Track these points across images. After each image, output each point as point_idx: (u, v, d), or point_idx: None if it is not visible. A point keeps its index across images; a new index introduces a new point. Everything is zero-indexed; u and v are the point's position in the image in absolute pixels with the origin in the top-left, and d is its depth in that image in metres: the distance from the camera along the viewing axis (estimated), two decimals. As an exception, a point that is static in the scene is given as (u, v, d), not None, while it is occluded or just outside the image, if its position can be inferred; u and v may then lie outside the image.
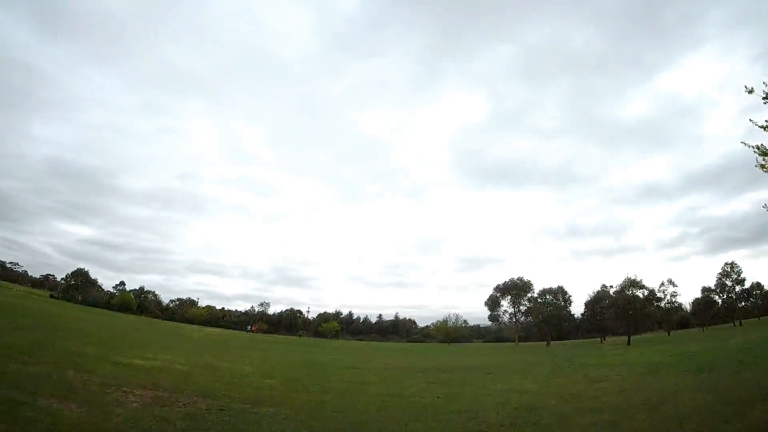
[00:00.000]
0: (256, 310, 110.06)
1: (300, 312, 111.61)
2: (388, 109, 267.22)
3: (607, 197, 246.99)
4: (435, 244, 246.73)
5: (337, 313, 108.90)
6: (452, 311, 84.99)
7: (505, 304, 79.26)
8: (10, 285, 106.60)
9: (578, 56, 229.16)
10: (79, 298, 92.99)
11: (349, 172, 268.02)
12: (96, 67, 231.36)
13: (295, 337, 78.52)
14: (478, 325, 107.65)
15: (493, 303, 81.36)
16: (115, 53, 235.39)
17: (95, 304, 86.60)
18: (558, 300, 65.56)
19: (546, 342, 59.30)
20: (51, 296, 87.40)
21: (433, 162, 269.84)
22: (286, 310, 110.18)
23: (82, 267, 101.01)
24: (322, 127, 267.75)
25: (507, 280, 78.60)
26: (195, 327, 63.31)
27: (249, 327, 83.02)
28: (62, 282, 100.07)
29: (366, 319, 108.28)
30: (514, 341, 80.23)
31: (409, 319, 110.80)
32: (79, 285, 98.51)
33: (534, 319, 61.18)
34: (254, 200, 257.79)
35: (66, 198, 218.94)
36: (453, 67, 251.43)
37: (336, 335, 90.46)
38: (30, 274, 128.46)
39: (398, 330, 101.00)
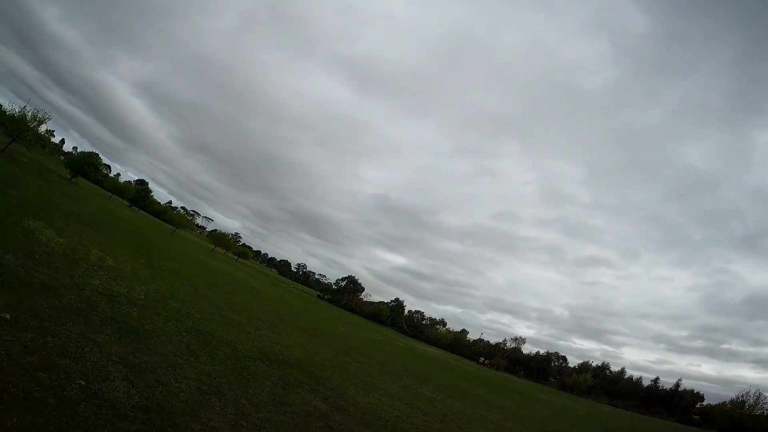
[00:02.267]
0: (509, 345, 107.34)
1: (563, 359, 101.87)
2: (713, 135, 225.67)
3: None
4: (764, 304, 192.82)
5: (596, 367, 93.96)
6: (752, 391, 59.91)
7: None
8: (290, 282, 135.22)
9: None
10: (344, 303, 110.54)
11: (672, 213, 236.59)
12: (411, 117, 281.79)
13: (513, 377, 71.97)
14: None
15: None
16: (425, 104, 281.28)
17: (352, 310, 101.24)
18: None
19: None
20: (318, 296, 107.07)
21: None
22: (544, 353, 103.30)
23: (356, 277, 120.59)
24: (641, 162, 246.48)
25: None
26: (430, 349, 66.24)
27: (481, 359, 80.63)
28: (334, 287, 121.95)
29: (637, 381, 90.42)
30: None
31: (694, 392, 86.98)
32: (348, 290, 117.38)
33: None
34: (568, 241, 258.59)
35: (387, 230, 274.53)
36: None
37: (588, 392, 78.65)
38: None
39: (671, 403, 79.64)
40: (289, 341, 16.10)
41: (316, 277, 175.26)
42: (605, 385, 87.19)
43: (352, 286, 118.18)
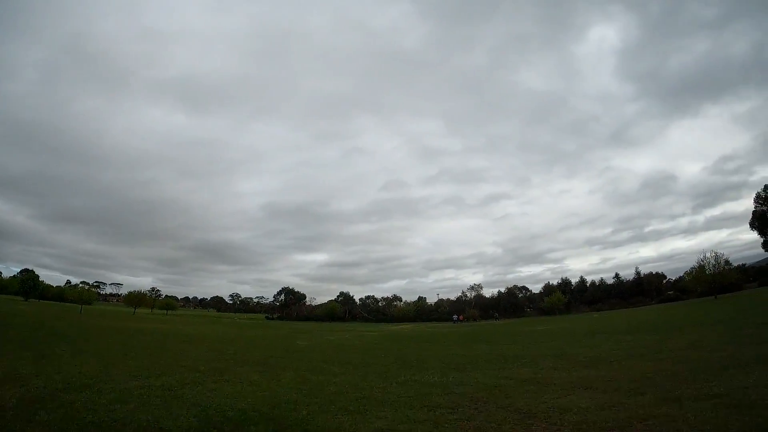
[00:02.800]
0: (469, 296, 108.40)
1: (524, 289, 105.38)
2: (539, 59, 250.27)
3: None
4: (661, 184, 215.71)
5: (558, 285, 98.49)
6: (708, 254, 64.21)
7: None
8: (233, 315, 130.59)
9: None
10: (294, 314, 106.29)
11: (540, 135, 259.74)
12: (257, 121, 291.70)
13: (493, 322, 71.17)
14: (743, 264, 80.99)
15: (764, 220, 59.15)
16: (265, 104, 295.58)
17: (307, 318, 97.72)
18: None
19: None
20: (266, 317, 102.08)
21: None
22: (505, 290, 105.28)
23: (290, 287, 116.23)
24: (489, 100, 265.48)
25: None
26: (400, 327, 64.50)
27: (455, 317, 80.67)
28: (276, 303, 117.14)
29: (602, 283, 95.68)
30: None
31: (657, 274, 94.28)
32: (291, 301, 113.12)
33: None
34: (461, 188, 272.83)
35: (293, 234, 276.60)
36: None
37: (567, 308, 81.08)
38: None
39: (644, 290, 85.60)
40: (240, 386, 12.50)
41: (255, 301, 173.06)
42: (577, 296, 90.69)
43: (292, 296, 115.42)
